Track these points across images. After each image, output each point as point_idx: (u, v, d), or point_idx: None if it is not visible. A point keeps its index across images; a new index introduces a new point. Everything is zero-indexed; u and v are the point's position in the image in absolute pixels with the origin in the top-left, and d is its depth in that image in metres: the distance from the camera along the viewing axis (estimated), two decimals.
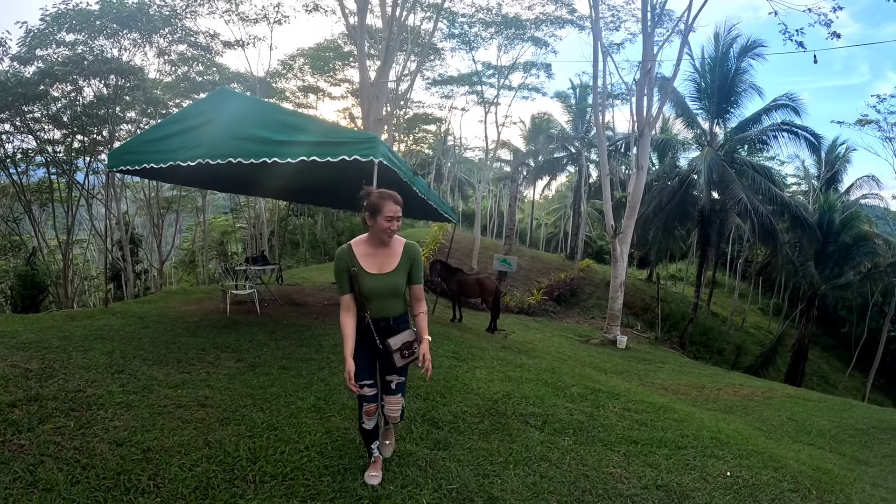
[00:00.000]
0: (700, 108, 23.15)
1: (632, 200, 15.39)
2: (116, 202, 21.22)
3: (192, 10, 20.63)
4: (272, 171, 7.93)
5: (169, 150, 7.52)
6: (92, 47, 18.55)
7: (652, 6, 15.15)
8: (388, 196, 3.26)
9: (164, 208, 25.87)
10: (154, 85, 21.68)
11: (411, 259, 3.40)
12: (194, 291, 13.88)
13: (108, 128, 20.28)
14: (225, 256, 29.40)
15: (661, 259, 28.26)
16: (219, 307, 9.96)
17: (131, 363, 5.74)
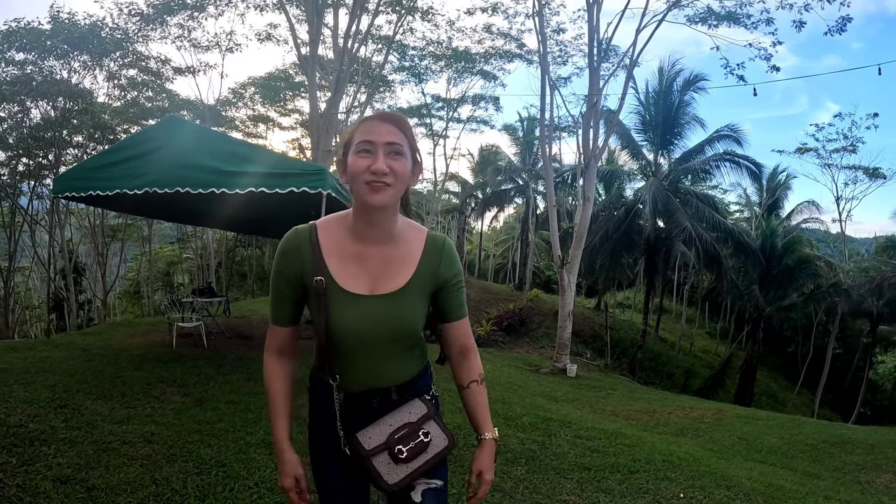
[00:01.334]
0: (645, 139, 23.91)
1: (578, 231, 15.71)
2: (60, 229, 20.60)
3: (144, 34, 20.35)
4: (220, 201, 7.87)
5: (116, 178, 7.43)
6: (41, 68, 18.25)
7: (598, 42, 15.66)
8: (368, 116, 1.63)
9: (109, 237, 25.17)
10: (103, 109, 21.27)
11: (439, 265, 1.71)
12: (139, 323, 13.53)
13: (55, 151, 19.77)
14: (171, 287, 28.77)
15: (609, 287, 28.81)
16: (164, 340, 9.75)
17: (75, 397, 5.59)
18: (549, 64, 18.02)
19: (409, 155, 1.59)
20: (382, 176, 1.52)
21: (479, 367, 1.86)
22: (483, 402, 1.84)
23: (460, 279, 1.79)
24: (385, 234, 1.65)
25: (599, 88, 15.84)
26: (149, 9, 19.06)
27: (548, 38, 17.72)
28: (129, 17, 19.29)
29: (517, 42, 22.93)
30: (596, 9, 15.55)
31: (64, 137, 19.82)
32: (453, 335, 1.83)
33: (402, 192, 1.61)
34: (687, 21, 16.41)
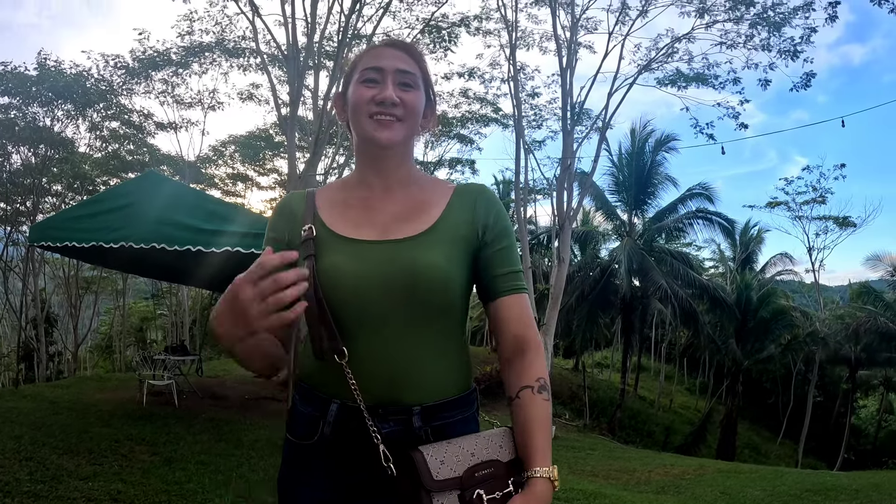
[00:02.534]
0: (619, 200, 24.44)
1: (554, 292, 15.85)
2: (34, 277, 20.32)
3: (128, 87, 20.60)
4: (197, 259, 7.88)
5: (93, 230, 7.39)
6: (25, 113, 18.25)
7: (572, 106, 16.14)
8: (376, 43, 1.40)
9: (83, 288, 24.87)
10: (83, 159, 21.32)
11: (476, 213, 1.29)
12: (110, 378, 13.32)
13: (33, 198, 19.72)
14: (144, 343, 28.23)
15: (587, 348, 28.87)
16: (135, 397, 9.57)
17: (40, 451, 5.53)
18: (524, 128, 18.50)
19: (423, 89, 1.31)
20: (392, 107, 1.23)
21: (538, 369, 1.25)
22: (539, 420, 1.22)
23: (509, 232, 1.31)
24: (397, 182, 1.31)
25: (573, 151, 16.24)
26: (134, 63, 19.38)
27: (523, 103, 18.25)
28: (115, 69, 19.54)
29: (493, 106, 23.54)
30: (569, 73, 16.07)
31: (43, 185, 19.77)
32: (503, 319, 1.27)
33: (413, 132, 1.31)
34: (657, 84, 17.00)
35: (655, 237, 24.54)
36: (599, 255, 26.43)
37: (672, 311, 22.07)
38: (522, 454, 1.22)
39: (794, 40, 14.93)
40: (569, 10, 16.16)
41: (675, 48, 16.36)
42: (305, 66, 14.90)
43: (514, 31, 16.69)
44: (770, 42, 15.14)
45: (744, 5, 14.96)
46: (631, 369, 26.27)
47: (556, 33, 15.96)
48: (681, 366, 38.79)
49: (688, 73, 16.55)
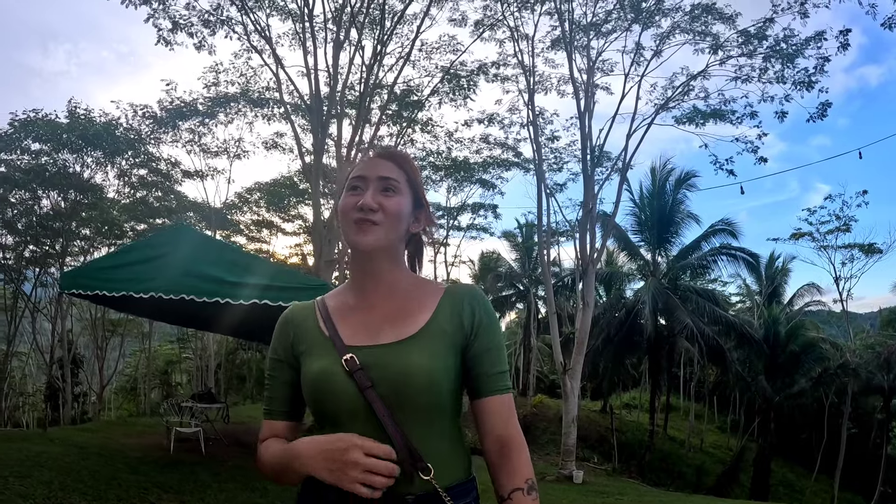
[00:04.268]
0: (641, 239, 24.30)
1: (580, 336, 15.72)
2: (62, 319, 20.67)
3: (156, 136, 21.21)
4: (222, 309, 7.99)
5: (123, 280, 7.58)
6: (55, 159, 18.73)
7: (591, 148, 16.22)
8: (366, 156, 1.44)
9: (109, 331, 25.20)
10: (112, 205, 21.86)
11: (463, 316, 1.33)
12: (136, 424, 13.41)
13: (62, 242, 20.12)
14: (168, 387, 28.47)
15: (614, 389, 28.47)
16: (161, 443, 9.65)
17: (70, 496, 5.58)
18: (545, 171, 18.60)
19: (409, 193, 1.36)
20: (370, 213, 1.29)
21: (525, 471, 1.32)
22: None
23: (496, 333, 1.34)
24: (386, 286, 1.36)
25: (594, 194, 16.27)
26: (162, 113, 19.97)
27: (542, 146, 18.43)
28: (143, 119, 20.21)
29: (514, 151, 23.76)
30: (587, 117, 16.18)
31: (72, 229, 20.24)
32: (488, 419, 1.33)
33: (396, 235, 1.34)
34: (675, 122, 17.06)
35: (680, 275, 24.31)
36: (624, 296, 26.21)
37: (699, 350, 21.74)
38: None
39: (807, 71, 14.99)
40: (584, 53, 16.38)
41: (690, 86, 16.49)
42: (329, 115, 15.19)
43: (531, 76, 16.92)
44: (784, 74, 15.22)
45: (756, 39, 15.09)
46: (660, 409, 25.80)
47: (572, 76, 16.15)
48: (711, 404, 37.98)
49: (705, 109, 16.64)
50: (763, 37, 15.00)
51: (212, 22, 15.58)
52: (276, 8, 16.00)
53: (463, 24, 17.08)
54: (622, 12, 15.73)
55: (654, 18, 15.79)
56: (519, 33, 16.55)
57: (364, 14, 15.38)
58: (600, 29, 16.11)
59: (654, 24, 15.94)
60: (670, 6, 15.53)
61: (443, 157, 24.37)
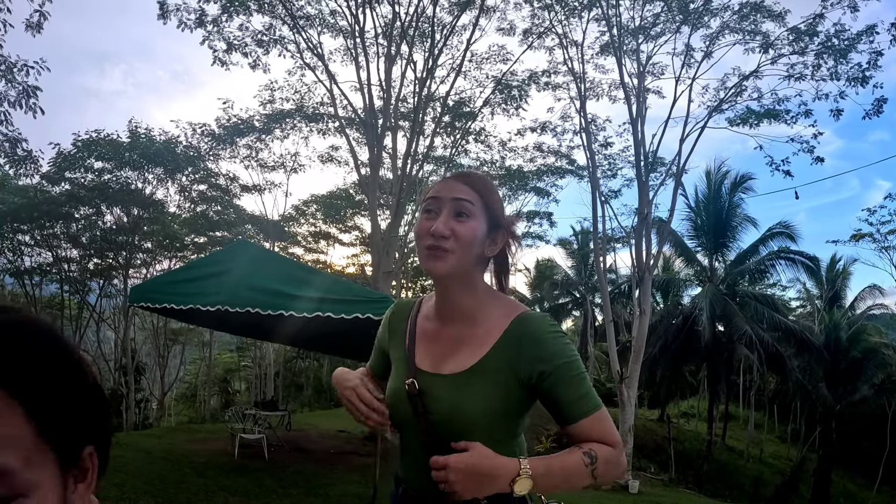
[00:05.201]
0: (698, 245, 23.82)
1: (636, 344, 15.53)
2: (126, 329, 21.54)
3: (215, 153, 21.81)
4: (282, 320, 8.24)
5: (189, 294, 7.92)
6: (118, 177, 19.53)
7: (645, 155, 16.02)
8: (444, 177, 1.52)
9: (171, 340, 26.04)
10: (173, 219, 22.61)
11: (518, 350, 1.34)
12: (199, 430, 13.79)
13: (125, 255, 20.98)
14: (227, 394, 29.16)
15: (672, 398, 27.92)
16: (225, 449, 9.93)
17: (142, 498, 5.83)
18: (599, 178, 18.45)
19: (483, 216, 1.36)
20: (441, 239, 1.30)
21: (604, 451, 1.31)
22: (563, 459, 1.30)
23: (565, 365, 1.32)
24: (458, 310, 1.40)
25: (649, 200, 16.06)
26: (220, 130, 20.54)
27: (596, 153, 18.22)
28: (202, 136, 20.87)
29: (567, 158, 23.59)
30: (640, 122, 16.00)
31: (134, 242, 21.04)
32: (582, 440, 1.32)
33: (468, 261, 1.35)
34: (728, 124, 16.75)
35: (738, 280, 23.72)
36: (682, 303, 25.75)
37: (758, 357, 21.15)
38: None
39: (861, 66, 14.52)
40: (634, 57, 16.21)
41: (743, 86, 16.17)
42: (383, 128, 15.38)
43: (582, 83, 16.80)
44: (837, 70, 14.76)
45: (807, 36, 14.73)
46: (718, 418, 25.22)
47: (623, 82, 15.98)
48: (770, 413, 36.91)
49: (758, 110, 16.27)
50: (814, 33, 14.65)
51: (265, 41, 15.98)
52: (327, 25, 16.33)
53: (511, 33, 17.10)
54: (670, 14, 15.55)
55: (702, 19, 15.54)
56: (568, 40, 16.47)
57: (414, 28, 15.54)
58: (649, 32, 15.92)
59: (703, 24, 15.69)
60: (718, 6, 15.28)
61: (497, 166, 24.42)
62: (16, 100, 12.53)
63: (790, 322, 23.59)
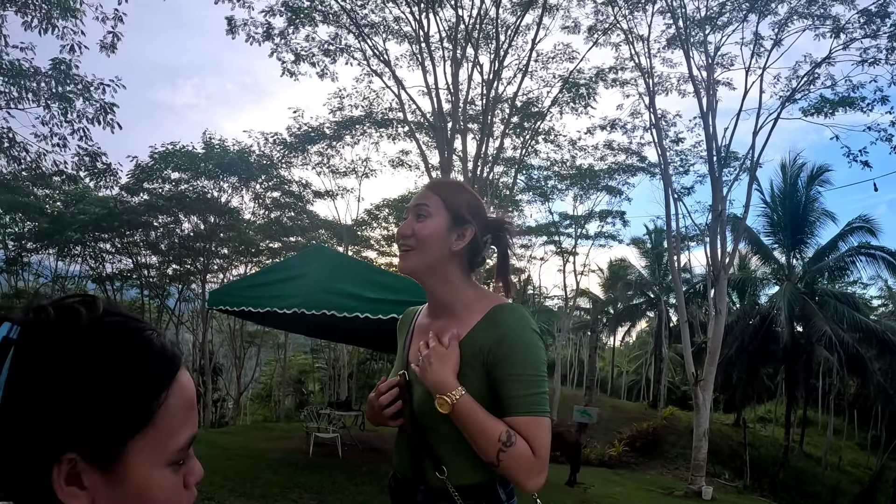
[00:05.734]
0: (774, 242, 22.95)
1: (712, 345, 15.12)
2: (203, 331, 22.44)
3: (287, 160, 22.34)
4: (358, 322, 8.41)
5: (266, 297, 8.19)
6: (194, 186, 20.31)
7: (717, 150, 15.62)
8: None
9: (247, 342, 26.91)
10: (248, 226, 23.32)
11: (490, 337, 1.43)
12: (274, 428, 14.23)
13: (202, 260, 21.83)
14: (302, 394, 29.86)
15: (748, 402, 26.98)
16: (300, 447, 10.22)
17: (219, 492, 6.01)
18: (671, 175, 18.10)
19: (445, 214, 1.49)
20: (405, 238, 1.48)
21: (528, 450, 1.36)
22: (489, 419, 1.38)
23: (519, 360, 1.40)
24: (441, 304, 1.54)
25: (723, 196, 15.64)
26: (291, 139, 21.01)
27: (667, 150, 17.92)
28: (274, 145, 21.41)
29: (638, 155, 23.23)
30: (711, 116, 15.61)
31: (211, 248, 21.85)
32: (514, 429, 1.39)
33: (433, 256, 1.48)
34: (802, 114, 16.19)
35: (817, 278, 22.71)
36: (758, 302, 24.86)
37: (838, 359, 20.27)
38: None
39: None
40: (702, 49, 15.84)
41: (815, 74, 15.60)
42: (452, 131, 15.46)
43: (650, 78, 16.53)
44: None
45: (878, 18, 14.08)
46: (796, 423, 24.27)
47: (692, 75, 15.65)
48: (850, 418, 35.22)
49: (832, 98, 15.64)
50: (885, 14, 13.99)
51: (332, 51, 16.32)
52: (391, 32, 16.53)
53: (576, 30, 16.99)
54: (736, 2, 15.12)
55: (770, 5, 15.05)
56: (633, 35, 16.25)
57: (478, 30, 15.61)
58: (715, 22, 15.53)
59: (771, 11, 15.21)
60: None
61: (567, 165, 24.27)
62: (94, 116, 13.36)
63: (872, 322, 22.43)
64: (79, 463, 0.61)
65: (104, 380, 0.61)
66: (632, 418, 25.96)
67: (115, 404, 0.61)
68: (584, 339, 43.45)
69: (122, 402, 0.62)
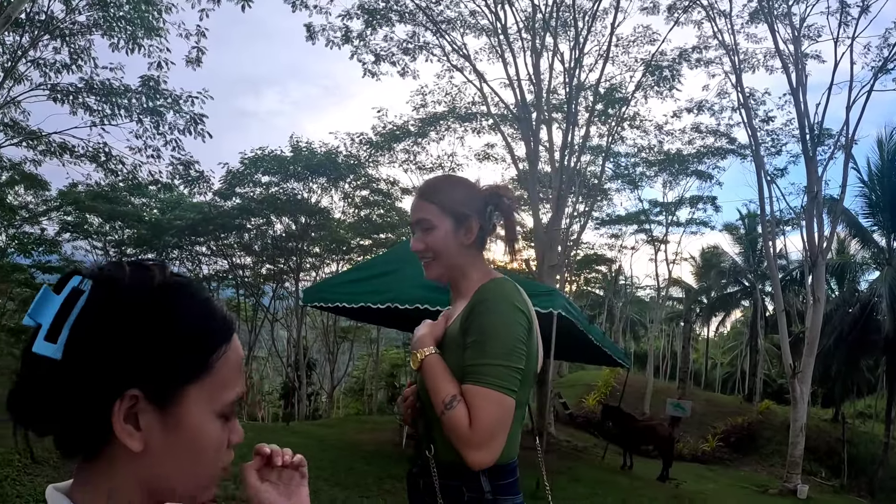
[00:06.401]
0: (874, 224, 21.59)
1: (810, 335, 14.56)
2: (298, 328, 23.38)
3: (374, 159, 22.86)
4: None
5: (362, 293, 8.51)
6: (284, 188, 21.13)
7: (810, 128, 14.98)
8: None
9: (340, 337, 27.66)
10: (338, 225, 24.01)
11: (468, 312, 1.51)
12: (367, 421, 14.67)
13: (295, 260, 22.67)
14: (394, 388, 30.50)
15: (847, 396, 25.57)
16: (392, 439, 10.52)
17: (315, 482, 6.18)
18: (763, 156, 17.49)
19: (447, 218, 1.59)
20: (422, 253, 1.61)
21: (465, 420, 1.41)
22: (447, 380, 1.48)
23: (482, 328, 1.46)
24: (459, 295, 1.64)
25: (818, 177, 15.01)
26: (377, 138, 21.57)
27: (757, 130, 17.28)
28: (360, 145, 22.02)
29: (727, 137, 22.52)
30: (801, 92, 15.03)
31: (303, 248, 22.73)
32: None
33: (450, 259, 1.60)
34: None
35: None
36: (858, 289, 23.53)
37: None
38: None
39: None
40: (787, 21, 15.22)
41: None
42: (537, 121, 15.45)
43: (735, 56, 16.02)
44: None
45: None
46: None
47: (778, 49, 15.09)
48: None
49: None
50: None
51: (411, 49, 16.67)
52: (468, 26, 16.67)
53: (655, 11, 16.72)
54: None
55: None
56: (715, 10, 15.80)
57: (555, 19, 15.52)
58: None
59: None
60: None
61: (654, 151, 23.82)
62: (185, 127, 14.29)
63: None
64: (140, 402, 0.65)
65: (172, 327, 0.67)
66: (726, 412, 25.13)
67: (180, 350, 0.67)
68: (677, 329, 42.27)
69: (186, 348, 0.67)
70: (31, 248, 23.17)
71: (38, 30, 14.17)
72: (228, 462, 0.75)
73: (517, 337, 1.46)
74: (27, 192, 22.58)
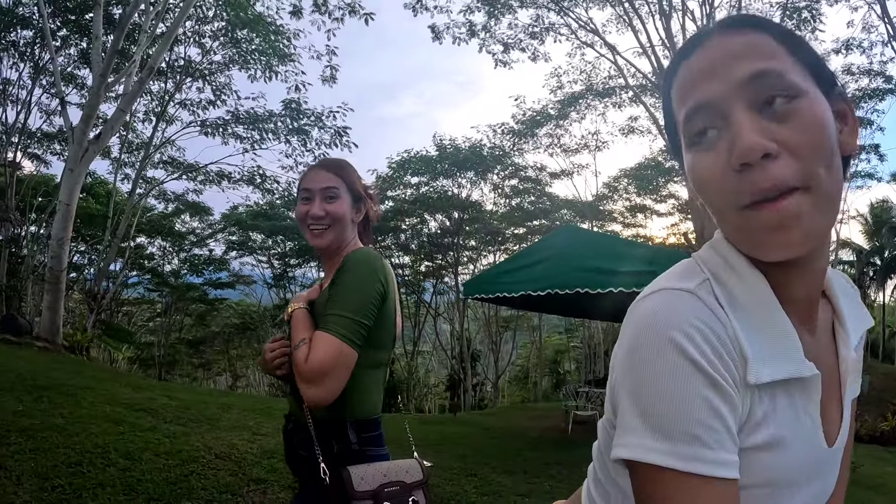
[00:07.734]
0: None
1: None
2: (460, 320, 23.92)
3: (518, 147, 22.77)
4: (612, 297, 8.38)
5: (521, 282, 8.52)
6: (434, 186, 21.70)
7: None
8: (312, 165, 1.90)
9: (502, 327, 27.96)
10: (491, 216, 24.30)
11: (335, 277, 1.63)
12: (532, 408, 14.65)
13: (452, 254, 23.25)
14: (558, 374, 30.33)
15: None
16: (558, 425, 10.46)
17: (482, 469, 6.25)
18: None
19: (349, 195, 1.73)
20: (319, 219, 1.69)
21: (303, 357, 1.53)
22: (307, 329, 1.61)
23: (339, 284, 1.59)
24: (334, 265, 1.71)
25: None
26: (518, 126, 21.53)
27: None
28: (503, 135, 22.03)
29: (883, 76, 19.92)
30: None
31: (459, 242, 23.22)
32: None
33: (343, 230, 1.73)
34: None
35: None
36: None
37: None
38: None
39: None
40: None
41: None
42: None
43: None
44: None
45: None
46: None
47: None
48: None
49: None
50: None
51: (537, 32, 16.42)
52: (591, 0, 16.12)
53: None
54: None
55: None
56: None
57: None
58: None
59: None
60: None
61: None
62: (330, 141, 15.10)
63: None
64: None
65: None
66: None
67: None
68: None
69: None
70: (202, 268, 25.87)
71: (179, 75, 15.80)
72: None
73: (370, 297, 1.58)
74: (193, 219, 25.29)
